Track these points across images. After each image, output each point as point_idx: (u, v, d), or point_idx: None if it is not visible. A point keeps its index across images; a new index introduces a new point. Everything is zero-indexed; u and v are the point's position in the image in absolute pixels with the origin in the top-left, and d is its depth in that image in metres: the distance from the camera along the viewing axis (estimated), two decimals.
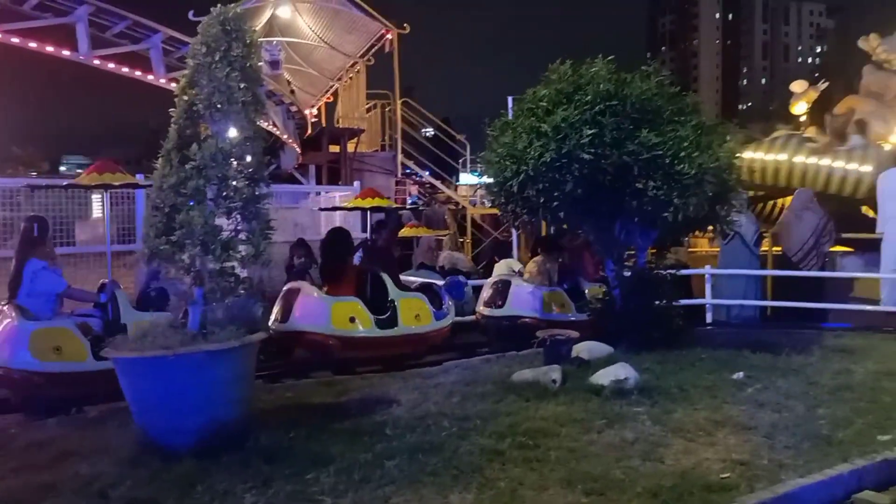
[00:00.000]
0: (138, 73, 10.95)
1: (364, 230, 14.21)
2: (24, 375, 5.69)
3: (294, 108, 12.39)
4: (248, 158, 4.38)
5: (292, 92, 15.99)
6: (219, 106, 4.25)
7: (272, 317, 7.48)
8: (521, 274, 9.16)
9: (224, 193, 4.26)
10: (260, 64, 14.23)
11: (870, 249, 10.64)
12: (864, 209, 12.12)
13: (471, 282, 9.79)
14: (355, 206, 8.21)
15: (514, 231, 10.40)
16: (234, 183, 4.30)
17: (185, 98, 4.44)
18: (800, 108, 13.65)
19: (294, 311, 7.29)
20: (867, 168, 11.33)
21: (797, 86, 13.97)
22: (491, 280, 9.15)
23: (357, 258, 8.18)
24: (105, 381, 5.09)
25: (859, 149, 11.79)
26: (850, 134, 12.29)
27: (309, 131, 15.10)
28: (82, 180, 6.51)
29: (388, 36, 15.40)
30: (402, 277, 9.25)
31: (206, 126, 4.44)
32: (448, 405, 5.46)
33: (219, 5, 4.42)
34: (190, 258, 4.18)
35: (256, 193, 4.44)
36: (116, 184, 6.35)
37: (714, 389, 5.70)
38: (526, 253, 18.65)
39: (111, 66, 10.80)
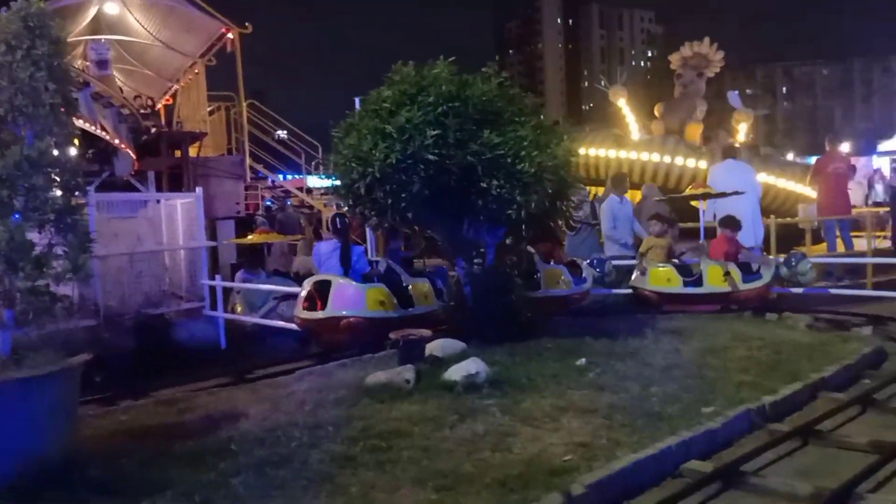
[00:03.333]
0: None
1: (215, 238, 13.65)
2: (360, 321, 7.77)
3: (127, 111, 11.59)
4: (61, 166, 4.02)
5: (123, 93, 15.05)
6: (23, 109, 3.87)
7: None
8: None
9: (33, 205, 3.88)
10: (86, 64, 13.19)
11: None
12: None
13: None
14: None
15: (369, 232, 10.31)
16: (46, 193, 3.92)
17: None
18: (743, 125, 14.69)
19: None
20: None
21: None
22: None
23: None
24: (408, 325, 7.46)
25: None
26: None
27: (145, 135, 14.26)
28: None
29: (229, 35, 14.81)
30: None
31: (9, 132, 4.04)
32: (300, 414, 5.32)
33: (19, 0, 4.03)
34: None
35: (72, 204, 4.08)
36: None
37: (559, 377, 5.93)
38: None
39: None
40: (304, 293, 8.15)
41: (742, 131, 14.51)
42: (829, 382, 5.88)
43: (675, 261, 9.65)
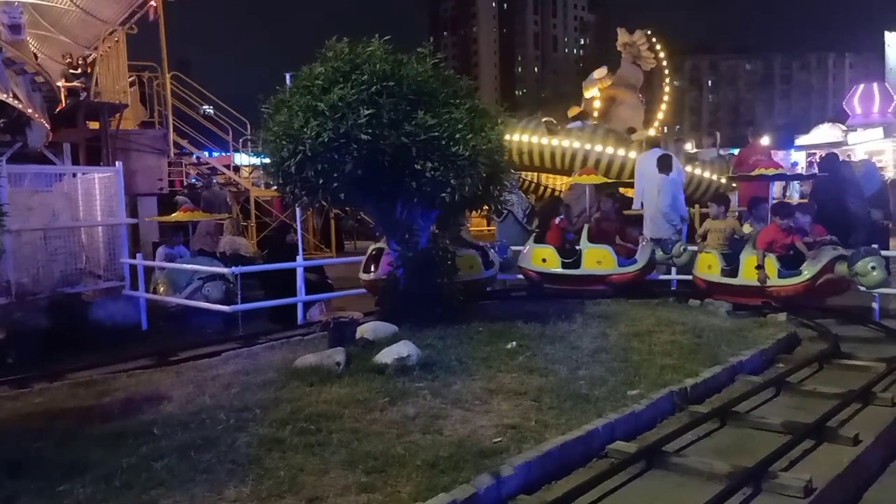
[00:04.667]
0: None
1: (136, 215, 13.11)
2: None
3: (41, 79, 10.92)
4: None
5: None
6: None
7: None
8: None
9: None
10: None
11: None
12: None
13: None
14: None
15: (297, 212, 10.10)
16: None
17: None
18: (592, 92, 14.78)
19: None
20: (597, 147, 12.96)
21: (598, 73, 15.11)
22: None
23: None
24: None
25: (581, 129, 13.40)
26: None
27: (62, 104, 13.50)
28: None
29: (152, 3, 14.14)
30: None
31: None
32: (226, 397, 5.22)
33: None
34: None
35: None
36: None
37: (490, 360, 5.99)
38: (315, 235, 18.47)
39: None
40: (366, 258, 9.25)
41: (593, 98, 14.61)
42: (746, 366, 6.14)
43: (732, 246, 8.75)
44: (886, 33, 32.01)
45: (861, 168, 12.72)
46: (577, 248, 9.59)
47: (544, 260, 9.57)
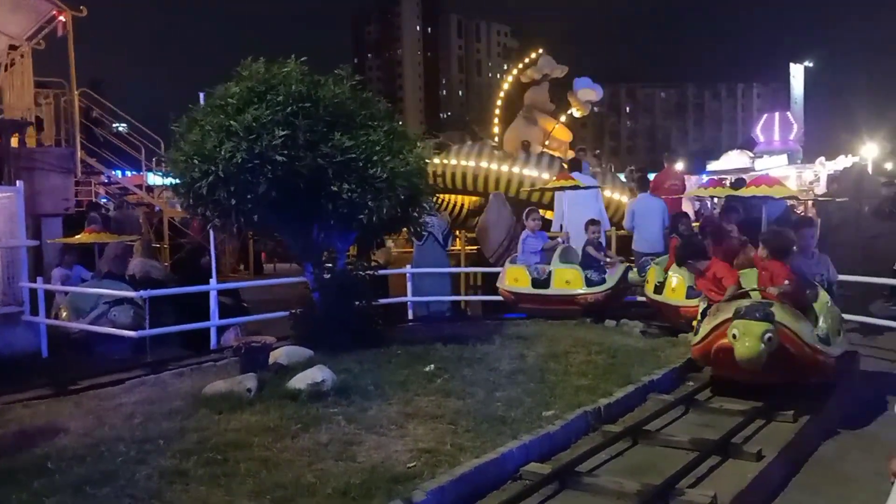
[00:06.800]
0: None
1: (39, 236, 12.44)
2: (502, 291, 9.70)
3: None
4: None
5: None
6: None
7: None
8: None
9: None
10: None
11: None
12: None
13: None
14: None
15: (212, 234, 9.78)
16: None
17: None
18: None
19: None
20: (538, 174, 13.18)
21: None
22: None
23: None
24: (539, 301, 9.28)
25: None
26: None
27: None
28: None
29: (62, 18, 13.57)
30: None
31: None
32: (127, 428, 4.97)
33: None
34: None
35: None
36: None
37: (407, 383, 5.92)
38: (231, 257, 17.99)
39: None
40: None
41: None
42: (658, 385, 6.27)
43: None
44: (791, 65, 33.96)
45: None
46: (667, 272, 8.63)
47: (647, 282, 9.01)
